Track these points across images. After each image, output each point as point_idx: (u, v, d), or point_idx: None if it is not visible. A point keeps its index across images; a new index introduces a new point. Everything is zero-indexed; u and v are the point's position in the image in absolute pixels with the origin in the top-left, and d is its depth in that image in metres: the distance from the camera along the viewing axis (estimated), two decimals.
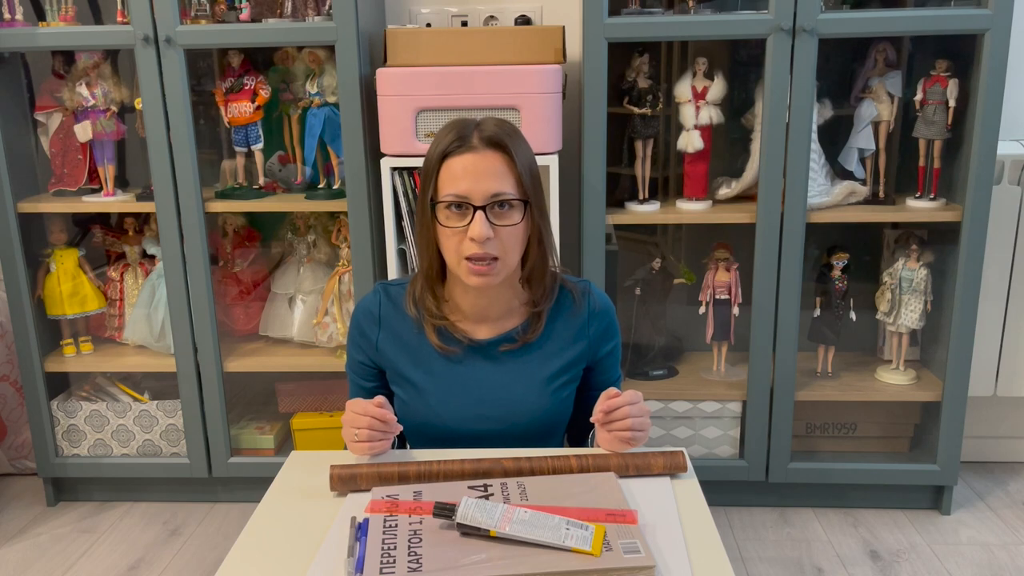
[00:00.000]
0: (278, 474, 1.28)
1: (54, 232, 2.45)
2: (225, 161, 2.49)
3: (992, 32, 2.04)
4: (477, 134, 1.28)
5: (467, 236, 1.25)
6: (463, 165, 1.26)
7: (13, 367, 2.67)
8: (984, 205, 2.15)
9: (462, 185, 1.25)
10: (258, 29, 2.19)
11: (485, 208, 1.25)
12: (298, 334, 2.47)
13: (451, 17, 2.50)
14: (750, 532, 2.33)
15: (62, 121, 2.39)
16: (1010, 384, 2.48)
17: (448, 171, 1.27)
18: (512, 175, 1.27)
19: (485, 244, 1.25)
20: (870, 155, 2.29)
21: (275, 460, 2.45)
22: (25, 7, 2.30)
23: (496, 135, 1.27)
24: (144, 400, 2.48)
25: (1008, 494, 2.50)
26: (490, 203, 1.25)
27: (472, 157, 1.26)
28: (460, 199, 1.25)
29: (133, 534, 2.39)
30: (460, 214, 1.26)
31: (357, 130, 2.20)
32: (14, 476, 2.73)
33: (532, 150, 1.34)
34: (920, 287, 2.30)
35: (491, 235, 1.25)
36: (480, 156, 1.26)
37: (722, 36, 2.13)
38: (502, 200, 1.26)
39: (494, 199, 1.25)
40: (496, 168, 1.26)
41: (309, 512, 1.17)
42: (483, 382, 1.38)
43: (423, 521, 1.08)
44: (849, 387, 2.37)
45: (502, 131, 1.28)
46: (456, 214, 1.27)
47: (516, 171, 1.27)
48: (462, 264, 1.28)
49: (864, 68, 2.28)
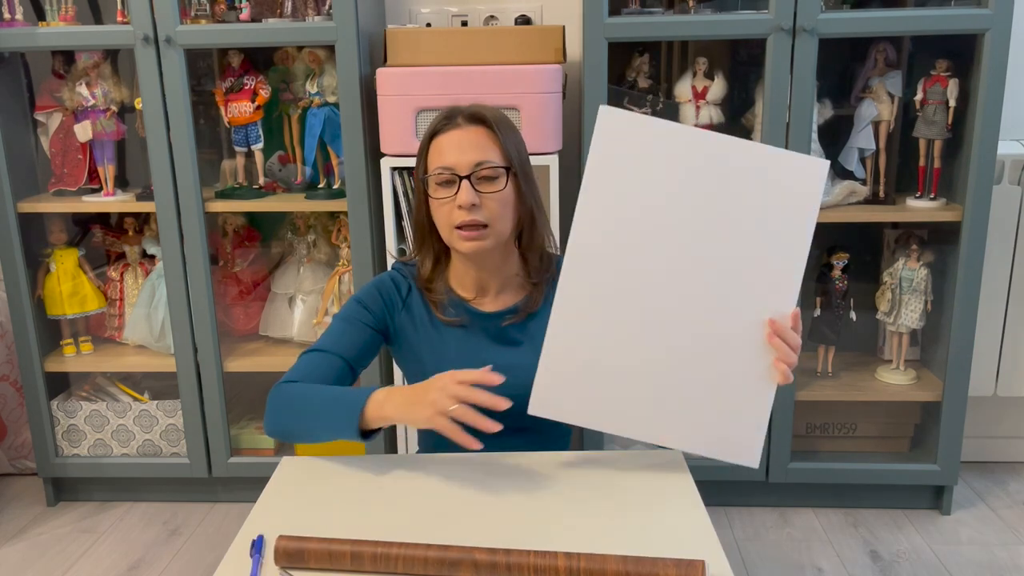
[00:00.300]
0: (270, 479, 1.28)
1: (54, 232, 2.44)
2: (225, 161, 2.49)
3: (992, 32, 2.04)
4: (461, 114, 1.36)
5: (455, 205, 1.32)
6: (449, 140, 1.35)
7: (13, 367, 2.67)
8: (984, 205, 2.15)
9: (448, 158, 1.33)
10: (258, 29, 2.19)
11: (470, 177, 1.32)
12: (298, 334, 2.47)
13: (451, 17, 2.50)
14: (750, 532, 2.33)
15: (62, 121, 2.39)
16: (1010, 384, 2.48)
17: (436, 148, 1.36)
18: (496, 146, 1.35)
19: (472, 211, 1.32)
20: (870, 155, 2.29)
21: (275, 460, 2.44)
22: (25, 7, 2.30)
23: (479, 112, 1.36)
24: (144, 400, 2.48)
25: (1008, 494, 2.50)
26: (475, 172, 1.32)
27: (457, 132, 1.35)
28: (446, 170, 1.33)
29: (133, 534, 2.39)
30: (448, 186, 1.34)
31: (357, 130, 2.20)
32: (14, 476, 2.73)
33: (520, 134, 1.41)
34: (920, 287, 2.29)
35: (476, 201, 1.32)
36: (464, 131, 1.35)
37: (722, 36, 2.13)
38: (485, 168, 1.33)
39: (477, 167, 1.32)
40: (479, 140, 1.34)
41: (300, 518, 1.17)
42: (492, 356, 1.40)
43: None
44: (849, 387, 2.37)
45: (486, 110, 1.37)
46: (445, 187, 1.34)
47: (499, 142, 1.35)
48: (454, 234, 1.34)
49: (864, 68, 2.27)
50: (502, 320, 1.42)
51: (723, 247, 1.16)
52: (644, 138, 1.16)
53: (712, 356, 1.17)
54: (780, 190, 1.14)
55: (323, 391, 1.31)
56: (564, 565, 0.99)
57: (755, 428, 1.18)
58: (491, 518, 1.14)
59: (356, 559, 1.03)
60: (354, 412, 1.24)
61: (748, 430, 1.17)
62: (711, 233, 1.16)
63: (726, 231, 1.15)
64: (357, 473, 1.27)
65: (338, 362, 1.38)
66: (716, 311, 1.17)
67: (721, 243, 1.16)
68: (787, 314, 1.16)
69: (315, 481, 1.25)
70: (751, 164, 1.15)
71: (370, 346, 1.43)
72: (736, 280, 1.16)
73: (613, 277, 1.18)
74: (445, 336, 1.42)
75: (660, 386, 1.18)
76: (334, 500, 1.20)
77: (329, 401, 1.29)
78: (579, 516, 1.14)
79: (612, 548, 1.04)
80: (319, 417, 1.28)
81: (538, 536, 1.09)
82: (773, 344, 1.16)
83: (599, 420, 1.22)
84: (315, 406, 1.29)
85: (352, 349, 1.40)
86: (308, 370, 1.36)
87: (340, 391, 1.30)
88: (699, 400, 1.18)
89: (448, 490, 1.21)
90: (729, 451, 1.18)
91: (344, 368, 1.38)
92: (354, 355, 1.40)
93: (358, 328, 1.41)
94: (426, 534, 1.09)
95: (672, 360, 1.18)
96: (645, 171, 1.16)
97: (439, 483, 1.23)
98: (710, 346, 1.17)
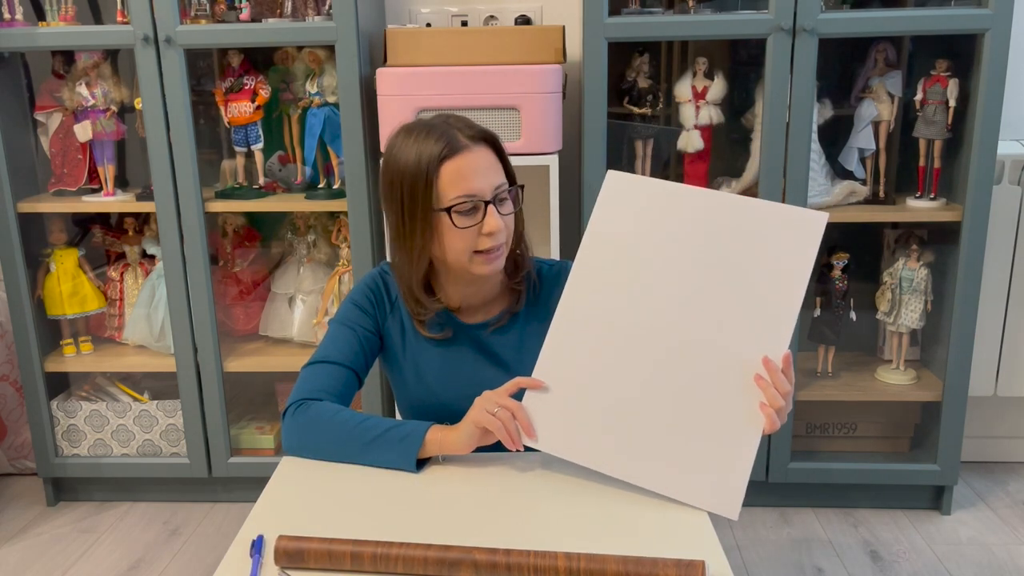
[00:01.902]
0: (270, 479, 1.28)
1: (54, 232, 2.44)
2: (225, 161, 2.49)
3: (992, 32, 2.04)
4: (461, 134, 1.28)
5: (481, 232, 1.28)
6: (465, 166, 1.26)
7: (13, 367, 2.67)
8: (984, 205, 2.15)
9: (472, 185, 1.26)
10: (258, 29, 2.19)
11: (494, 201, 1.28)
12: (298, 334, 2.47)
13: (451, 17, 2.50)
14: (750, 532, 2.33)
15: (62, 121, 2.39)
16: (1010, 384, 2.48)
17: (449, 175, 1.26)
18: (499, 165, 1.32)
19: (497, 236, 1.28)
20: (870, 155, 2.29)
21: (275, 460, 2.44)
22: (25, 7, 2.29)
23: (480, 130, 1.31)
24: (144, 400, 2.48)
25: (1008, 494, 2.50)
26: (496, 196, 1.29)
27: (469, 156, 1.27)
28: (473, 199, 1.26)
29: (133, 534, 2.39)
30: (471, 214, 1.28)
31: (357, 130, 2.20)
32: (14, 476, 2.73)
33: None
34: (920, 287, 2.29)
35: (503, 226, 1.29)
36: (475, 153, 1.28)
37: (722, 36, 2.13)
38: (504, 191, 1.30)
39: (498, 191, 1.29)
40: (491, 161, 1.30)
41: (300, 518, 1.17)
42: (475, 370, 1.40)
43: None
44: (849, 387, 2.37)
45: (478, 126, 1.32)
46: (468, 216, 1.28)
47: (504, 160, 1.33)
48: (474, 258, 1.30)
49: (864, 68, 2.27)
50: (487, 329, 1.40)
51: (718, 295, 1.15)
52: (648, 197, 1.20)
53: (699, 401, 1.15)
54: (779, 241, 1.14)
55: (364, 422, 1.28)
56: (564, 565, 0.99)
57: (738, 477, 1.13)
58: (491, 518, 1.14)
59: (356, 559, 1.03)
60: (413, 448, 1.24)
61: (731, 479, 1.13)
62: (707, 281, 1.16)
63: (722, 280, 1.16)
64: (357, 473, 1.27)
65: (345, 373, 1.36)
66: (707, 357, 1.15)
67: (717, 291, 1.16)
68: (778, 357, 1.13)
69: (315, 481, 1.25)
70: (752, 217, 1.16)
71: (372, 351, 1.41)
72: (729, 327, 1.15)
73: (607, 318, 1.20)
74: (427, 347, 1.41)
75: (643, 428, 1.17)
76: (334, 500, 1.20)
77: (379, 431, 1.26)
78: (579, 516, 1.13)
79: (612, 548, 1.04)
80: (368, 450, 1.26)
81: (538, 536, 1.09)
82: (759, 385, 1.13)
83: (580, 455, 1.20)
84: (361, 434, 1.26)
85: (357, 357, 1.38)
86: (320, 385, 1.33)
87: (384, 424, 1.27)
88: (682, 445, 1.15)
89: (448, 490, 1.21)
90: (709, 500, 1.14)
91: (351, 378, 1.37)
92: (360, 363, 1.38)
93: (359, 334, 1.39)
94: (426, 534, 1.09)
95: (658, 403, 1.17)
96: (646, 225, 1.19)
97: (439, 483, 1.23)
98: (698, 391, 1.15)
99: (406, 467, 1.24)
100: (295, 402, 1.32)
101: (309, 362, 1.37)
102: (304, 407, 1.30)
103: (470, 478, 1.24)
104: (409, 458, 1.24)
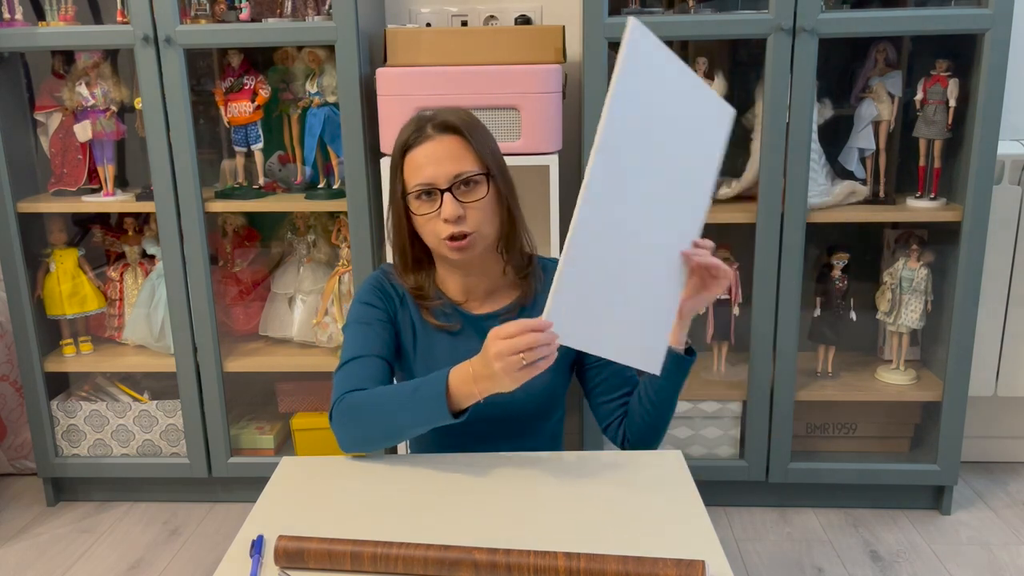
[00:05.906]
0: (270, 479, 1.28)
1: (54, 232, 2.44)
2: (225, 161, 2.49)
3: (992, 32, 2.04)
4: (431, 124, 1.34)
5: (440, 218, 1.32)
6: (423, 154, 1.32)
7: (13, 367, 2.67)
8: (984, 205, 2.15)
9: (426, 172, 1.32)
10: (258, 29, 2.19)
11: (451, 189, 1.31)
12: (298, 334, 2.47)
13: (451, 17, 2.50)
14: (750, 532, 2.33)
15: (62, 121, 2.39)
16: (1010, 384, 2.48)
17: (411, 163, 1.33)
18: (470, 153, 1.33)
19: (458, 223, 1.31)
20: (870, 155, 2.29)
21: (275, 460, 2.44)
22: (25, 7, 2.29)
23: (448, 120, 1.34)
24: (144, 400, 2.48)
25: (1008, 494, 2.50)
26: (454, 183, 1.31)
27: (431, 145, 1.33)
28: (427, 186, 1.32)
29: (133, 534, 2.39)
30: (430, 201, 1.32)
31: (357, 130, 2.20)
32: (14, 476, 2.73)
33: (491, 134, 1.39)
34: (920, 287, 2.29)
35: (461, 213, 1.31)
36: (437, 142, 1.33)
37: (722, 36, 2.13)
38: (465, 178, 1.32)
39: (456, 179, 1.31)
40: (453, 150, 1.32)
41: (300, 518, 1.17)
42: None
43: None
44: (849, 387, 2.37)
45: (455, 117, 1.35)
46: (427, 201, 1.33)
47: (473, 149, 1.33)
48: (443, 245, 1.34)
49: (864, 68, 2.27)
50: (496, 320, 1.40)
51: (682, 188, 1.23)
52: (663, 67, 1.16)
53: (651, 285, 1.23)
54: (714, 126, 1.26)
55: (395, 389, 1.29)
56: (564, 565, 0.99)
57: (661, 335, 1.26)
58: (491, 518, 1.14)
59: (356, 559, 1.03)
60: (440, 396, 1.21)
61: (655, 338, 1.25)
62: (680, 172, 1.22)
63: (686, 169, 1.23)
64: (357, 473, 1.27)
65: (378, 362, 1.36)
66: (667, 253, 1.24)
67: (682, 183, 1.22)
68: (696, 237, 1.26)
69: (315, 481, 1.25)
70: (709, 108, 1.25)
71: (393, 339, 1.42)
72: (681, 221, 1.24)
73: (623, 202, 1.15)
74: (437, 340, 1.42)
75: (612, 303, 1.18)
76: (334, 500, 1.20)
77: (408, 393, 1.26)
78: (579, 516, 1.13)
79: (612, 548, 1.04)
80: (404, 410, 1.25)
81: (538, 536, 1.09)
82: (684, 254, 1.24)
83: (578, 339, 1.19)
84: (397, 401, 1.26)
85: (384, 347, 1.39)
86: (353, 382, 1.33)
87: (413, 384, 1.27)
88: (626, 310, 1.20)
89: (448, 490, 1.21)
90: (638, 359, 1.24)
91: (384, 367, 1.37)
92: (388, 352, 1.39)
93: (378, 327, 1.40)
94: (426, 534, 1.09)
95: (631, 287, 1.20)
96: (658, 105, 1.15)
97: (439, 483, 1.23)
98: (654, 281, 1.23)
99: (444, 421, 1.23)
100: (334, 402, 1.32)
101: (338, 368, 1.38)
102: (345, 402, 1.30)
103: (470, 478, 1.24)
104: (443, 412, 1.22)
